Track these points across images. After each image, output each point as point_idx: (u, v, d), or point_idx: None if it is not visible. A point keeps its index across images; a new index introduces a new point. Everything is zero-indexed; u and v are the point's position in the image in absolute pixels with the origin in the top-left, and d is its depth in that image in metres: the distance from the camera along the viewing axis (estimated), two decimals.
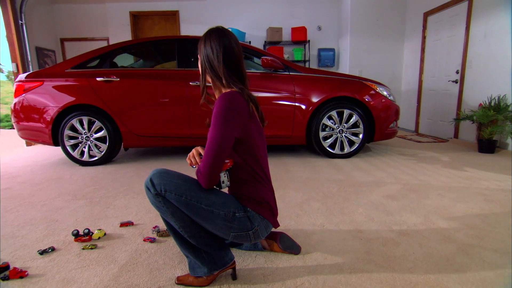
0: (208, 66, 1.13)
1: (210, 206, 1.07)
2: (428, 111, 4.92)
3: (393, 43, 5.52)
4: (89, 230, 1.52)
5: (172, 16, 5.94)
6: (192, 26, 5.93)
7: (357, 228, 1.58)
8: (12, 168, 3.17)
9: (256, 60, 3.41)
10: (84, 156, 3.12)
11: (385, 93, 3.20)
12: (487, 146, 3.39)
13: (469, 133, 3.96)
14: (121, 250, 1.42)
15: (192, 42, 3.33)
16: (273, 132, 3.13)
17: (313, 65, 6.07)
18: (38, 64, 5.39)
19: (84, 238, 1.49)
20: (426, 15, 4.86)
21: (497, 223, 1.61)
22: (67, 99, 3.02)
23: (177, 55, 3.17)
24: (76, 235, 1.50)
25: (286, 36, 5.86)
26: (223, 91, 1.15)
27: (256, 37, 5.96)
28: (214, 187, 1.12)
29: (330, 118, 3.12)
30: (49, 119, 3.04)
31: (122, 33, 5.95)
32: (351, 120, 3.12)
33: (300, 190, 2.20)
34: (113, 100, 3.02)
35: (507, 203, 1.86)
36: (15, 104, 3.14)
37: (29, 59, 5.03)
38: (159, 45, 3.47)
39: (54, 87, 3.04)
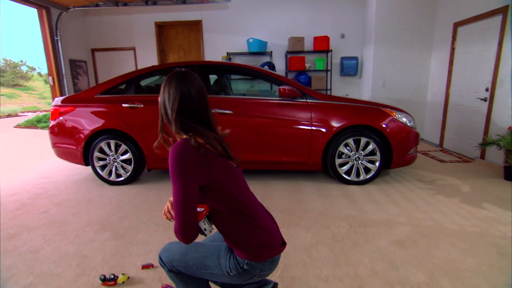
0: (163, 112, 1.12)
1: (208, 269, 1.16)
2: (454, 126, 4.74)
3: (420, 52, 5.32)
4: (114, 275, 1.70)
5: (195, 26, 6.06)
6: (215, 35, 6.03)
7: (360, 284, 1.64)
8: (49, 184, 3.48)
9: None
10: (112, 176, 3.36)
11: (404, 119, 3.15)
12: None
13: (496, 155, 3.80)
14: None
15: (212, 67, 3.43)
16: (290, 159, 3.19)
17: (335, 74, 6.00)
18: (71, 75, 5.74)
19: (110, 283, 1.67)
20: (456, 25, 4.63)
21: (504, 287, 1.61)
22: (96, 123, 3.25)
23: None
24: (103, 280, 1.68)
25: (308, 44, 5.81)
26: (178, 138, 1.12)
27: (278, 46, 5.96)
28: (203, 236, 1.15)
29: (346, 145, 3.13)
30: (80, 142, 3.29)
31: (147, 43, 6.17)
32: (368, 147, 3.12)
33: (310, 229, 2.27)
34: (138, 125, 3.22)
35: None
36: (52, 126, 3.42)
37: (64, 73, 5.38)
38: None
39: (85, 112, 3.28)
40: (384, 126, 3.06)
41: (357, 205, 2.70)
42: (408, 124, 3.19)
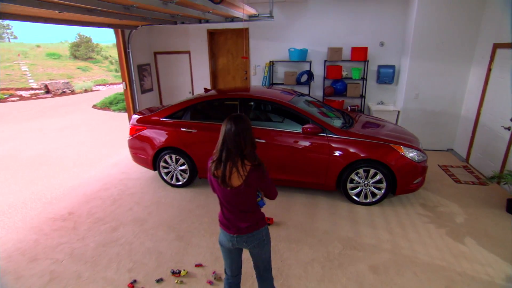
0: (238, 138, 1.77)
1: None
2: (480, 146, 4.94)
3: (458, 67, 5.36)
4: (179, 270, 2.74)
5: (243, 32, 6.67)
6: (260, 42, 6.60)
7: None
8: (129, 181, 4.71)
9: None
10: (173, 180, 4.45)
11: (410, 155, 3.64)
12: None
13: None
14: (195, 287, 2.60)
15: (250, 100, 4.18)
16: (310, 180, 3.94)
17: (371, 81, 6.27)
18: (139, 78, 6.86)
19: (176, 275, 2.72)
20: (496, 46, 4.64)
21: None
22: (162, 141, 4.28)
23: (239, 111, 4.08)
24: (173, 272, 2.73)
25: (346, 53, 6.12)
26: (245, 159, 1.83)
27: (318, 53, 6.36)
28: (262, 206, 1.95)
29: (357, 173, 3.76)
30: (150, 154, 4.38)
31: (200, 47, 6.99)
32: (376, 177, 3.72)
33: (313, 247, 3.09)
34: (192, 145, 4.17)
35: None
36: (130, 139, 4.56)
37: (133, 78, 6.52)
38: (224, 102, 4.40)
39: (154, 132, 4.33)
40: (391, 161, 3.61)
41: (356, 227, 3.41)
42: (416, 159, 3.67)
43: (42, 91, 15.82)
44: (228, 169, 1.78)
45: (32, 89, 16.77)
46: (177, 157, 4.31)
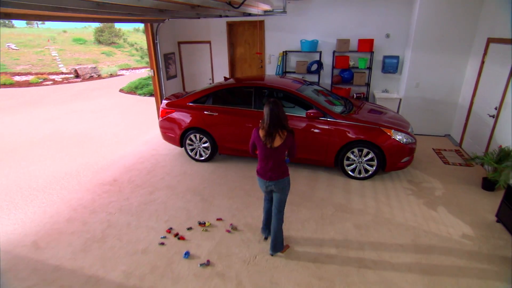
0: (277, 116, 2.66)
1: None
2: (472, 132, 5.44)
3: (457, 58, 5.79)
4: (204, 222, 3.57)
5: (260, 23, 7.25)
6: (274, 33, 7.18)
7: (321, 243, 3.21)
8: (159, 156, 5.57)
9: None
10: (197, 156, 5.26)
11: (398, 137, 4.26)
12: (488, 184, 4.21)
13: None
14: (216, 234, 3.42)
15: (264, 88, 4.86)
16: (312, 157, 4.64)
17: (377, 71, 6.77)
18: (165, 66, 7.62)
19: (202, 225, 3.54)
20: (489, 41, 5.07)
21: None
22: (187, 122, 5.06)
23: (253, 99, 4.78)
24: (199, 223, 3.56)
25: (354, 44, 6.62)
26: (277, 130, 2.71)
27: (327, 44, 6.89)
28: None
29: (353, 152, 4.43)
30: (178, 133, 5.19)
31: (220, 37, 7.64)
32: (368, 155, 4.37)
33: (310, 209, 3.83)
34: (213, 125, 4.93)
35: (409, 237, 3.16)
36: (160, 121, 5.37)
37: (160, 66, 7.29)
38: (241, 89, 5.08)
39: (181, 114, 5.11)
40: (381, 142, 4.24)
41: (349, 196, 4.12)
42: (404, 141, 4.29)
43: (72, 76, 16.97)
44: (274, 135, 2.65)
45: (62, 73, 17.96)
46: (200, 136, 5.10)
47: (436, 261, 2.97)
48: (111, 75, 17.31)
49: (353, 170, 4.56)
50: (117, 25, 26.55)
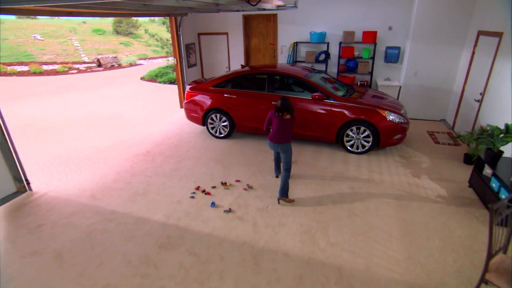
0: (290, 108, 3.71)
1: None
2: (462, 116, 6.06)
3: (452, 49, 6.36)
4: (226, 182, 4.39)
5: (273, 16, 7.93)
6: (286, 26, 7.85)
7: (319, 201, 3.99)
8: (183, 134, 6.41)
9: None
10: (217, 133, 6.08)
11: (391, 117, 4.95)
12: (468, 159, 4.87)
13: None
14: (236, 191, 4.24)
15: (276, 74, 5.59)
16: (316, 134, 5.38)
17: (379, 60, 7.39)
18: (186, 55, 8.41)
19: (224, 184, 4.36)
20: (479, 33, 5.63)
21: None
22: (209, 104, 5.86)
23: (267, 84, 5.53)
24: (222, 183, 4.39)
25: (358, 35, 7.25)
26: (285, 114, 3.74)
27: (334, 35, 7.53)
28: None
29: (351, 130, 5.14)
30: (200, 113, 6.00)
31: (236, 29, 8.36)
32: (365, 133, 5.08)
33: (314, 174, 4.59)
34: (232, 107, 5.72)
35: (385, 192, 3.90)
36: (185, 103, 6.19)
37: (183, 55, 8.09)
38: (256, 76, 5.83)
39: (204, 97, 5.91)
40: (376, 121, 4.94)
41: (347, 166, 4.86)
42: (396, 121, 4.98)
43: (94, 65, 17.99)
44: (285, 114, 3.63)
45: (85, 62, 19.03)
46: (220, 116, 5.90)
47: (412, 213, 3.70)
48: (131, 65, 18.25)
49: (351, 146, 5.28)
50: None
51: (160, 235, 3.44)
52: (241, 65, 6.59)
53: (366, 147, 5.19)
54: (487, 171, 3.85)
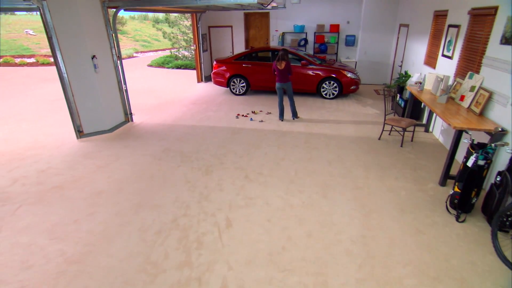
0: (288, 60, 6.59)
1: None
2: (394, 78, 9.49)
3: (388, 35, 9.77)
4: (254, 110, 7.37)
5: (266, 14, 10.94)
6: (277, 20, 10.91)
7: (309, 118, 7.09)
8: (211, 97, 9.27)
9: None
10: (237, 91, 9.03)
11: (349, 75, 8.18)
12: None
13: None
14: (261, 115, 7.25)
15: (276, 51, 8.65)
16: (304, 88, 8.50)
17: (342, 44, 10.69)
18: (201, 42, 11.17)
19: (253, 112, 7.34)
20: (400, 26, 9.06)
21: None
22: (232, 72, 8.79)
23: (271, 56, 8.57)
24: (252, 111, 7.36)
25: (327, 27, 10.49)
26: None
27: (311, 28, 10.70)
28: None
29: (326, 83, 8.32)
30: (225, 78, 8.91)
31: (239, 23, 11.28)
32: (333, 85, 8.28)
33: (305, 108, 7.70)
34: (248, 73, 8.68)
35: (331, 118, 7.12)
36: (213, 73, 9.06)
37: (201, 42, 10.90)
38: (263, 52, 8.85)
39: (228, 67, 8.82)
40: (340, 77, 8.16)
41: (323, 105, 8.01)
42: (352, 76, 8.22)
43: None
44: (281, 62, 6.44)
45: None
46: (240, 79, 8.84)
47: (362, 124, 6.91)
48: (129, 57, 20.40)
49: (326, 94, 8.46)
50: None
51: (230, 130, 6.36)
52: (251, 46, 9.51)
53: (335, 94, 8.40)
54: (398, 98, 7.16)
